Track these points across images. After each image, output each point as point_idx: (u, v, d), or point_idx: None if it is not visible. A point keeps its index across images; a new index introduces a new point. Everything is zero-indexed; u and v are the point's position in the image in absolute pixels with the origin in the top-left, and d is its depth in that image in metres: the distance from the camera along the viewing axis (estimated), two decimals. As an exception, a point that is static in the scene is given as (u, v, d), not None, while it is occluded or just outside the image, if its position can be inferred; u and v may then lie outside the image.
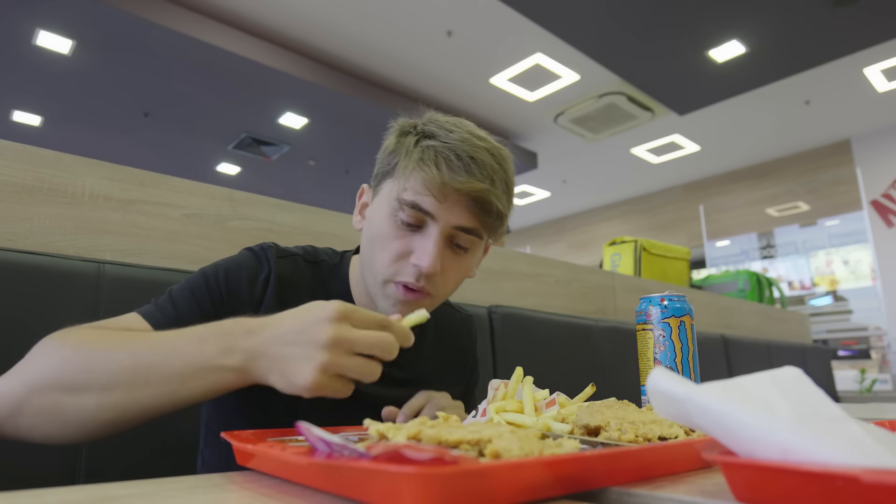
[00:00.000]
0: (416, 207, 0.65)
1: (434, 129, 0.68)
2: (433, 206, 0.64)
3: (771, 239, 6.47)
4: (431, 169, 0.64)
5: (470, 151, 0.66)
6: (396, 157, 0.68)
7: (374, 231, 0.69)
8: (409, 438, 0.37)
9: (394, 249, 0.66)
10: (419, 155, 0.65)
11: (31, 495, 0.37)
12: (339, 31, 4.31)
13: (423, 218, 0.65)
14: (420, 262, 0.65)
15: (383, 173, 0.70)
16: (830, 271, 5.92)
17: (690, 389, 0.31)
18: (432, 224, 0.65)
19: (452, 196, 0.64)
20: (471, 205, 0.65)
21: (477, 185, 0.64)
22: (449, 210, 0.65)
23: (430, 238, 0.65)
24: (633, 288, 2.10)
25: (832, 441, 0.25)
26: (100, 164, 0.95)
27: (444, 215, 0.65)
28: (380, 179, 0.71)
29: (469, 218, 0.66)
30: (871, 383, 4.30)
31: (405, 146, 0.68)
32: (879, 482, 0.21)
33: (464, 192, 0.64)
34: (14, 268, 0.79)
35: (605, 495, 0.36)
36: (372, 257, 0.68)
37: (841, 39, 4.10)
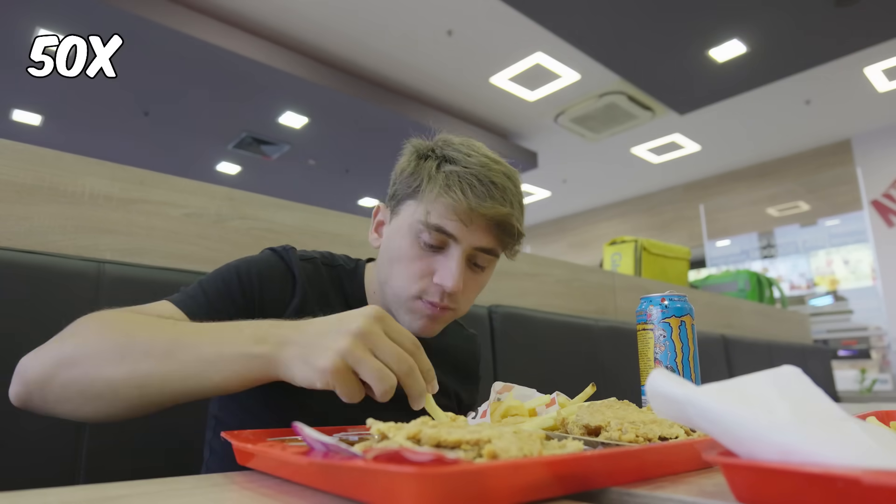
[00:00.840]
0: (441, 231, 0.67)
1: (453, 154, 0.70)
2: (457, 230, 0.67)
3: (771, 239, 6.47)
4: (457, 194, 0.66)
5: (490, 176, 0.68)
6: (417, 179, 0.70)
7: (394, 251, 0.71)
8: (409, 438, 0.37)
9: (416, 269, 0.69)
10: (443, 180, 0.68)
11: (32, 495, 0.37)
12: (340, 31, 4.31)
13: (446, 240, 0.68)
14: (444, 283, 0.67)
15: (404, 195, 0.72)
16: (831, 271, 5.92)
17: (690, 391, 0.31)
18: (454, 246, 0.68)
19: (476, 220, 0.67)
20: (492, 228, 0.68)
21: (500, 209, 0.67)
22: (472, 233, 0.68)
23: (453, 259, 0.68)
24: (633, 288, 2.10)
25: (832, 442, 0.25)
26: (100, 163, 0.95)
27: (466, 238, 0.68)
28: (399, 200, 0.73)
29: (490, 240, 0.69)
30: (871, 383, 4.30)
31: (426, 170, 0.70)
32: (881, 484, 0.21)
33: (488, 216, 0.67)
34: (14, 267, 0.79)
35: (605, 495, 0.36)
36: (392, 275, 0.71)
37: (841, 39, 4.10)
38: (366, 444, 0.42)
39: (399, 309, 0.71)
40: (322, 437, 0.41)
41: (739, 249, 6.66)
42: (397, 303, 0.71)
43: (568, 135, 5.97)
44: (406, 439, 0.37)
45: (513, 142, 6.12)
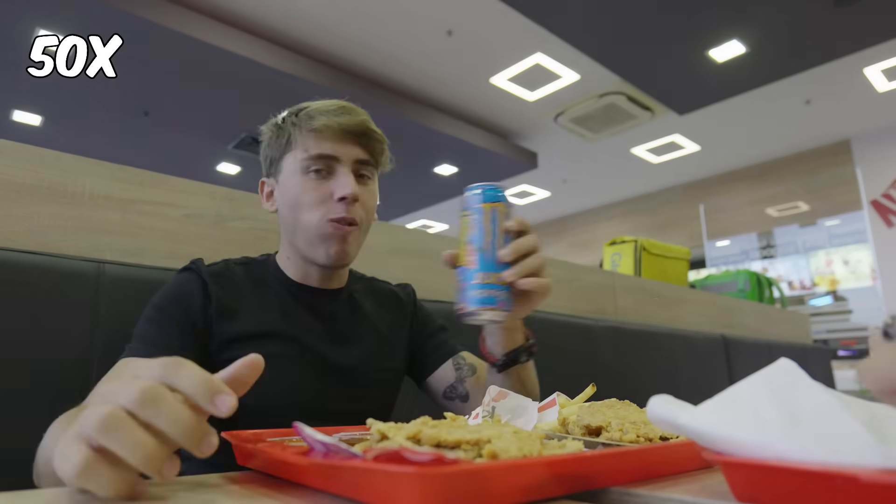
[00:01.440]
0: (322, 156, 0.77)
1: (303, 105, 0.82)
2: (333, 149, 0.77)
3: (771, 239, 6.47)
4: (320, 121, 0.77)
5: (338, 102, 0.82)
6: (284, 135, 0.80)
7: (291, 196, 0.78)
8: (409, 438, 0.37)
9: (315, 197, 0.77)
10: (306, 120, 0.78)
11: (32, 495, 0.37)
12: (340, 31, 4.31)
13: (329, 163, 0.78)
14: (343, 192, 0.76)
15: (279, 154, 0.81)
16: (830, 271, 5.92)
17: (687, 420, 0.31)
18: (338, 165, 0.78)
19: (345, 136, 0.78)
20: (360, 139, 0.79)
21: (358, 118, 0.79)
22: (346, 148, 0.78)
23: (341, 174, 0.77)
24: (633, 288, 2.10)
25: (827, 442, 0.25)
26: (100, 163, 0.95)
27: (344, 153, 0.78)
28: (276, 161, 0.82)
29: (362, 151, 0.80)
30: (871, 383, 4.30)
31: (288, 125, 0.80)
32: (879, 481, 0.22)
33: (352, 126, 0.78)
34: (14, 267, 0.79)
35: (605, 495, 0.36)
36: (298, 217, 0.78)
37: (841, 39, 4.10)
38: (366, 444, 0.42)
39: (313, 245, 0.78)
40: (322, 437, 0.41)
41: (739, 249, 6.67)
42: (309, 239, 0.78)
43: (568, 135, 5.97)
44: (406, 439, 0.37)
45: (513, 142, 6.13)
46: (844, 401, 0.30)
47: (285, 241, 0.83)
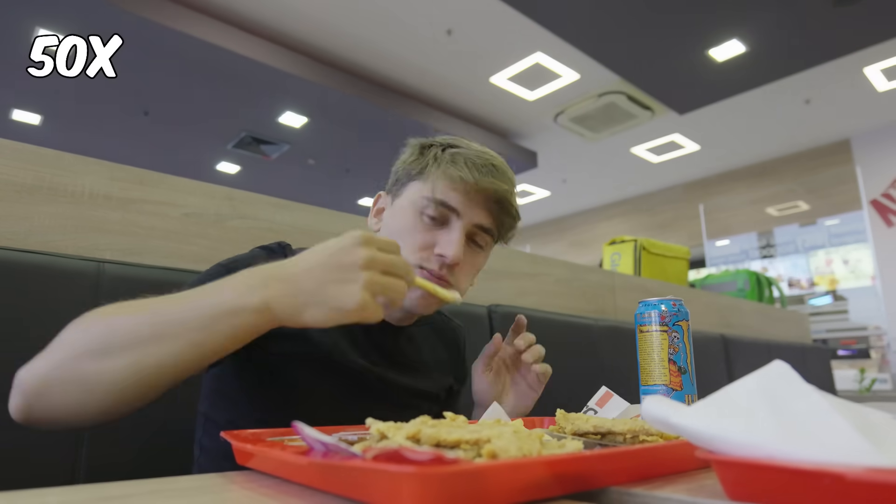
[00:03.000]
0: (444, 204, 0.71)
1: (456, 142, 0.77)
2: (460, 204, 0.72)
3: (771, 238, 6.47)
4: (461, 169, 0.71)
5: (490, 159, 0.75)
6: (422, 163, 0.75)
7: (396, 227, 0.74)
8: (408, 438, 0.37)
9: (418, 241, 0.72)
10: (449, 158, 0.73)
11: (31, 495, 0.37)
12: (339, 30, 4.31)
13: (448, 215, 0.72)
14: (445, 252, 0.70)
15: (408, 178, 0.77)
16: (830, 271, 5.92)
17: (681, 418, 0.32)
18: (456, 220, 0.72)
19: (477, 196, 0.72)
20: (491, 205, 0.73)
21: (500, 185, 0.73)
22: (472, 209, 0.72)
23: (454, 231, 0.71)
24: (632, 287, 2.10)
25: (817, 443, 0.26)
26: (100, 163, 0.95)
27: (468, 213, 0.72)
28: (403, 183, 0.77)
29: (489, 217, 0.74)
30: (870, 383, 4.30)
31: (432, 153, 0.75)
32: (863, 479, 0.23)
33: (489, 191, 0.72)
34: (14, 267, 0.79)
35: (604, 495, 0.36)
36: None
37: (841, 39, 4.10)
38: (365, 444, 0.42)
39: None
40: (322, 437, 0.41)
41: (739, 249, 6.66)
42: None
43: (568, 134, 5.97)
44: (405, 439, 0.37)
45: (512, 141, 6.12)
46: (835, 403, 0.30)
47: None
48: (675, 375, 0.64)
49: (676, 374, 0.64)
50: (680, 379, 0.63)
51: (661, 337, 0.65)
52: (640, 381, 0.68)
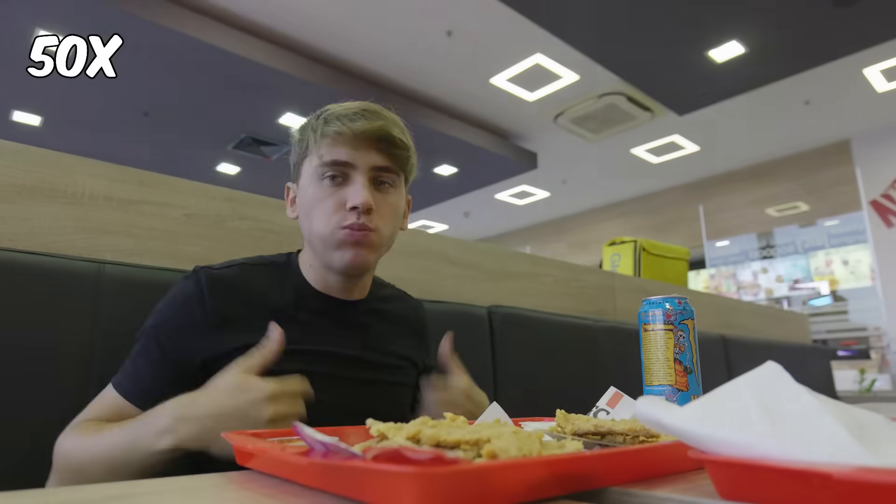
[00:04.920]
0: (336, 163, 0.74)
1: (330, 108, 0.79)
2: (348, 156, 0.74)
3: (770, 239, 6.47)
4: (335, 125, 0.74)
5: (361, 106, 0.77)
6: (305, 139, 0.78)
7: (307, 202, 0.77)
8: (408, 438, 0.37)
9: (329, 204, 0.75)
10: (323, 122, 0.76)
11: (31, 495, 0.37)
12: (339, 31, 4.31)
13: (344, 171, 0.75)
14: (354, 201, 0.73)
15: (299, 159, 0.80)
16: (830, 271, 5.92)
17: (673, 419, 0.32)
18: (353, 171, 0.75)
19: (360, 142, 0.75)
20: (378, 145, 0.75)
21: (375, 123, 0.75)
22: (362, 156, 0.75)
23: (356, 182, 0.74)
24: (632, 288, 2.10)
25: (807, 443, 0.27)
26: (100, 164, 0.95)
27: (360, 161, 0.75)
28: (298, 166, 0.80)
29: (381, 157, 0.76)
30: (870, 383, 4.30)
31: (308, 128, 0.79)
32: (850, 478, 0.23)
33: (368, 133, 0.74)
34: (14, 268, 0.79)
35: (604, 495, 0.36)
36: (313, 223, 0.76)
37: (841, 39, 4.10)
38: (365, 444, 0.42)
39: (328, 251, 0.76)
40: (322, 437, 0.41)
41: (739, 250, 6.67)
42: (324, 245, 0.76)
43: (567, 135, 5.97)
44: (406, 439, 0.37)
45: (513, 142, 6.12)
46: (825, 404, 0.31)
47: (307, 246, 0.81)
48: (680, 375, 0.63)
49: (682, 374, 0.63)
50: (686, 379, 0.63)
51: (665, 336, 0.64)
52: (644, 381, 0.67)
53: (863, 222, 5.70)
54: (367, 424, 0.43)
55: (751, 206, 6.85)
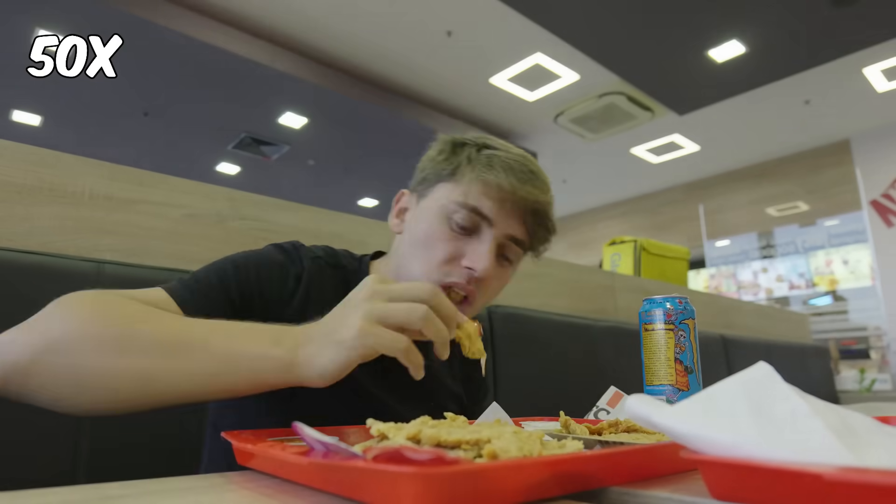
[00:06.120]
0: (477, 212, 0.65)
1: (492, 143, 0.69)
2: (493, 212, 0.65)
3: (770, 239, 6.47)
4: (499, 174, 0.64)
5: (529, 165, 0.68)
6: (454, 163, 0.68)
7: (420, 233, 0.68)
8: (408, 438, 0.37)
9: (445, 251, 0.65)
10: (485, 160, 0.66)
11: (32, 495, 0.37)
12: (339, 32, 4.31)
13: (479, 223, 0.65)
14: (475, 265, 0.64)
15: (437, 178, 0.70)
16: (830, 271, 5.91)
17: (663, 417, 0.32)
18: (488, 230, 0.65)
19: (513, 205, 0.65)
20: (528, 216, 0.67)
21: (540, 196, 0.66)
22: (507, 219, 0.66)
23: (485, 243, 0.65)
24: (632, 288, 2.10)
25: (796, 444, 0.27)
26: (100, 164, 0.95)
27: (501, 223, 0.65)
28: (431, 183, 0.70)
29: (523, 229, 0.67)
30: (870, 383, 4.30)
31: (465, 153, 0.68)
32: (839, 479, 0.24)
33: (527, 201, 0.65)
34: (14, 268, 0.79)
35: (605, 495, 0.36)
36: (415, 259, 0.67)
37: (840, 39, 4.10)
38: (366, 444, 0.42)
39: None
40: (322, 437, 0.41)
41: (739, 249, 6.66)
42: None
43: (567, 135, 5.97)
44: (406, 439, 0.37)
45: (513, 142, 6.10)
46: (816, 405, 0.31)
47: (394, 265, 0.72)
48: (681, 375, 0.63)
49: (683, 374, 0.63)
50: (686, 379, 0.62)
51: (666, 335, 0.64)
52: (645, 381, 0.67)
53: (863, 222, 5.69)
54: (367, 424, 0.43)
55: (751, 206, 6.85)
